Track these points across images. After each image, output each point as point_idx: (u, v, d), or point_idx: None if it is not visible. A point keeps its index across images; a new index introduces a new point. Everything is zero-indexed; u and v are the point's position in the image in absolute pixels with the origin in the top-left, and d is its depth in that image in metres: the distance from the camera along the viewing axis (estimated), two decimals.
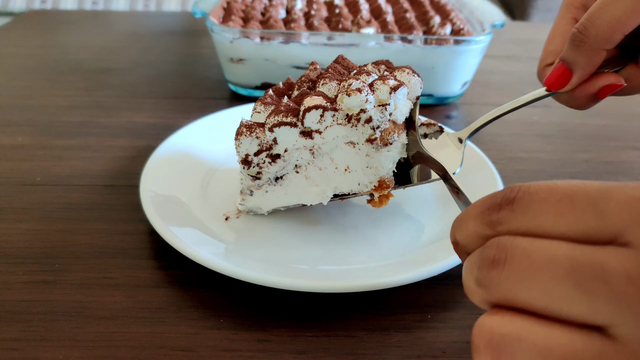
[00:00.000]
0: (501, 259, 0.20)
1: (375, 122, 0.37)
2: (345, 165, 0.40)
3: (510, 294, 0.20)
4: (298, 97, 0.41)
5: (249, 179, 0.41)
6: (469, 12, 0.72)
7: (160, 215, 0.40)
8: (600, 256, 0.18)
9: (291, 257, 0.40)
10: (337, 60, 0.45)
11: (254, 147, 0.39)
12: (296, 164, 0.40)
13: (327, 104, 0.37)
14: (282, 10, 0.73)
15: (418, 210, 0.46)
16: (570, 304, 0.18)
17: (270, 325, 0.35)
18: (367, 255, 0.40)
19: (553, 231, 0.20)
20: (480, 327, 0.20)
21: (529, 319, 0.19)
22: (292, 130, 0.38)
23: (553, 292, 0.19)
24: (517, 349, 0.19)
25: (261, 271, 0.36)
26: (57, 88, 0.70)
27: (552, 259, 0.19)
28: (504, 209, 0.21)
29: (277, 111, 0.38)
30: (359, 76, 0.39)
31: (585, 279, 0.18)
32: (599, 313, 0.18)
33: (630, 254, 0.18)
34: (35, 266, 0.40)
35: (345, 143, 0.39)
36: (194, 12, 0.66)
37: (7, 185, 0.49)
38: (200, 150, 0.51)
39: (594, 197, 0.19)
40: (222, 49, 0.65)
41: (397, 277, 0.36)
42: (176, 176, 0.47)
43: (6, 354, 0.33)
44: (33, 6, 1.63)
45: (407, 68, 0.41)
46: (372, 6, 0.75)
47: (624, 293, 0.18)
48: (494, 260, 0.20)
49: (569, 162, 0.56)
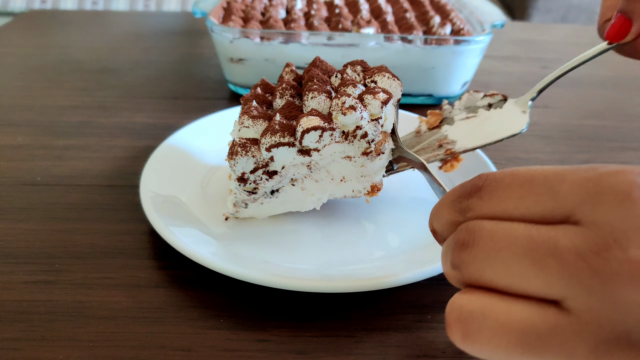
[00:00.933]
0: (469, 241, 0.22)
1: (370, 137, 0.38)
2: (341, 176, 0.41)
3: (478, 274, 0.22)
4: (286, 109, 0.40)
5: (244, 194, 0.41)
6: (469, 12, 0.72)
7: (160, 215, 0.40)
8: (554, 234, 0.20)
9: (291, 257, 0.40)
10: (315, 63, 0.44)
11: (250, 165, 0.39)
12: (292, 178, 0.41)
13: (324, 124, 0.37)
14: (282, 10, 0.73)
15: (417, 210, 0.46)
16: (527, 280, 0.20)
17: (270, 325, 0.35)
18: (367, 255, 0.40)
19: (515, 214, 0.22)
20: (452, 305, 0.22)
21: (493, 296, 0.21)
22: (290, 150, 0.38)
23: (513, 269, 0.20)
24: (482, 324, 0.21)
25: (260, 271, 0.36)
26: (57, 88, 0.70)
27: (512, 239, 0.21)
28: (473, 197, 0.23)
29: (273, 130, 0.37)
30: (346, 88, 0.39)
31: (540, 256, 0.20)
32: (553, 287, 0.20)
33: (579, 230, 0.19)
34: (36, 266, 0.40)
35: (342, 157, 0.40)
36: (194, 12, 0.66)
37: (7, 185, 0.49)
38: (200, 150, 0.51)
39: (550, 180, 0.21)
40: (222, 49, 0.65)
41: (397, 277, 0.36)
42: (176, 176, 0.47)
43: (6, 354, 0.33)
44: (33, 6, 1.63)
45: (385, 71, 0.41)
46: (372, 6, 0.75)
47: (574, 267, 0.19)
48: (463, 243, 0.22)
49: (568, 162, 0.56)
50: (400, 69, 0.65)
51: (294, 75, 0.45)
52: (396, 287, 0.37)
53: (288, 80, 0.44)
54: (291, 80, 0.44)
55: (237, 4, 0.72)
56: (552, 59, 0.86)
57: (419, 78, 0.66)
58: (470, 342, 0.21)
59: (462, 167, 0.46)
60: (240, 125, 0.39)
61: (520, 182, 0.22)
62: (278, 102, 0.42)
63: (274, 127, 0.38)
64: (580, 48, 0.92)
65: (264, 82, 0.45)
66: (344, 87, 0.40)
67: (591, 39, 0.97)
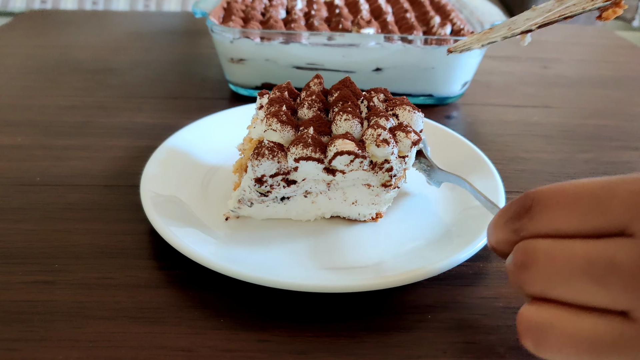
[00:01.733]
0: (527, 262, 0.23)
1: (394, 172, 0.39)
2: (354, 199, 0.42)
3: (542, 292, 0.23)
4: (315, 122, 0.40)
5: (255, 194, 0.41)
6: (469, 13, 0.72)
7: (160, 215, 0.40)
8: (610, 249, 0.21)
9: (291, 258, 0.40)
10: (346, 83, 0.44)
11: (272, 169, 0.39)
12: (307, 190, 0.41)
13: (358, 151, 0.38)
14: (282, 10, 0.73)
15: (418, 211, 0.46)
16: (591, 296, 0.21)
17: (270, 325, 0.35)
18: (366, 256, 0.40)
19: (568, 230, 0.23)
20: (521, 316, 0.24)
21: (560, 307, 0.22)
22: (318, 166, 0.38)
23: (575, 287, 0.22)
24: (551, 334, 0.22)
25: (260, 271, 0.36)
26: (57, 88, 0.70)
27: (569, 258, 0.22)
28: (524, 218, 0.24)
29: (305, 143, 0.38)
30: (379, 119, 0.40)
31: (600, 274, 0.21)
32: (617, 301, 0.21)
33: (636, 244, 0.20)
34: (35, 266, 0.39)
35: (362, 184, 0.41)
36: (194, 12, 0.66)
37: (6, 185, 0.49)
38: (200, 150, 0.51)
39: (599, 196, 0.22)
40: (222, 49, 0.65)
41: (398, 277, 0.35)
42: (176, 176, 0.47)
43: (6, 354, 0.33)
44: (33, 6, 1.63)
45: (406, 104, 0.42)
46: (372, 6, 0.75)
47: (635, 280, 0.20)
48: (521, 264, 0.24)
49: (569, 162, 0.56)
50: (401, 69, 0.65)
51: (321, 88, 0.45)
52: (397, 287, 0.37)
53: (317, 93, 0.43)
54: (320, 93, 0.44)
55: (237, 4, 0.72)
56: (552, 59, 0.86)
57: (419, 78, 0.66)
58: (542, 350, 0.23)
59: (459, 163, 0.46)
60: (267, 127, 0.39)
61: (568, 199, 0.23)
62: (305, 112, 0.42)
63: (307, 140, 0.38)
64: (580, 48, 0.92)
65: (289, 87, 0.45)
66: (377, 118, 0.40)
67: (591, 38, 0.97)
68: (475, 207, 0.42)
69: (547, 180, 0.52)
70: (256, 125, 0.41)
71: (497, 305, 0.37)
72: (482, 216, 0.40)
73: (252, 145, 0.42)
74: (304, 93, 0.45)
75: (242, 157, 0.44)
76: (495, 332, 0.35)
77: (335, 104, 0.42)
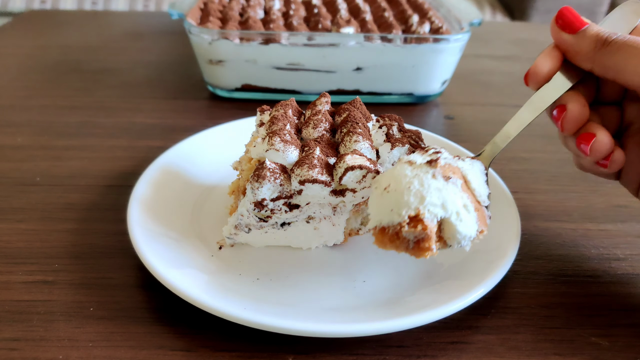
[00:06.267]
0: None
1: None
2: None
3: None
4: (322, 143, 0.38)
5: (254, 219, 0.38)
6: (446, 11, 0.72)
7: (150, 252, 0.37)
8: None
9: (287, 293, 0.37)
10: (355, 105, 0.43)
11: (274, 193, 0.37)
12: (310, 215, 0.39)
13: (370, 165, 0.35)
14: (260, 10, 0.72)
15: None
16: None
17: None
18: (372, 291, 0.38)
19: None
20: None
21: None
22: (324, 189, 0.36)
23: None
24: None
25: (252, 315, 0.33)
26: (57, 88, 0.70)
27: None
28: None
29: (311, 165, 0.36)
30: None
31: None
32: None
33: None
34: (35, 266, 0.39)
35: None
36: (170, 14, 0.64)
37: (6, 185, 0.49)
38: (192, 170, 0.48)
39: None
40: (201, 50, 0.64)
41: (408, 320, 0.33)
42: (165, 203, 0.43)
43: (6, 354, 0.33)
44: (33, 6, 1.63)
45: (421, 139, 0.40)
46: (350, 5, 0.74)
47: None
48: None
49: (569, 162, 0.56)
50: (381, 68, 0.64)
51: (328, 107, 0.44)
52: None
53: (324, 112, 0.42)
54: (327, 112, 0.42)
55: (214, 5, 0.70)
56: None
57: (399, 77, 0.66)
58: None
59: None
60: (269, 146, 0.37)
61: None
62: (310, 131, 0.40)
63: (313, 162, 0.36)
64: None
65: (293, 105, 0.43)
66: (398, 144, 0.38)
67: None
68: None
69: (547, 180, 0.53)
70: (256, 144, 0.39)
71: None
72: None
73: (251, 165, 0.39)
74: (309, 112, 0.43)
75: (240, 178, 0.41)
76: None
77: (344, 125, 0.40)
